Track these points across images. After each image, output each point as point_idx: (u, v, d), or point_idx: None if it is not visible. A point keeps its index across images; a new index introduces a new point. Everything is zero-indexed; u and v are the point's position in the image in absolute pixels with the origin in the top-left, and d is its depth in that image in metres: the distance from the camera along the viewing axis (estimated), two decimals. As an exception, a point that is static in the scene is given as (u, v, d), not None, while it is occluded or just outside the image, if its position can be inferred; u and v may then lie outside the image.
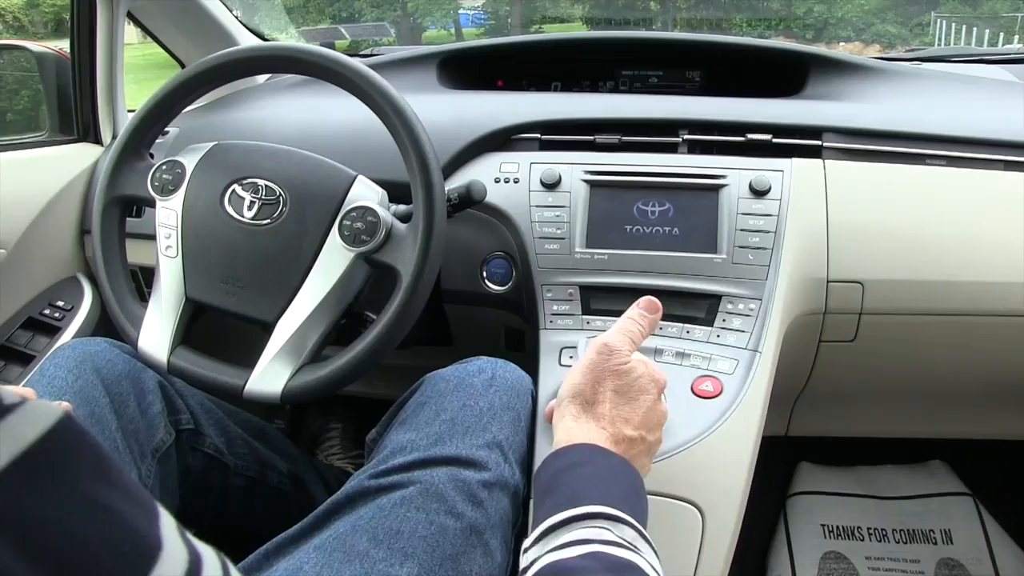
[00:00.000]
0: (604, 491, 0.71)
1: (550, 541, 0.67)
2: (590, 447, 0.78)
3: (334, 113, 1.35)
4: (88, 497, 0.40)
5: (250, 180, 1.03)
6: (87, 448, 0.41)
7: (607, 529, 0.68)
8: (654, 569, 0.67)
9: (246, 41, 1.71)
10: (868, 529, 1.81)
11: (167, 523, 0.43)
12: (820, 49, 1.46)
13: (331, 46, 2.09)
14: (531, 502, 0.82)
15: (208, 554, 0.35)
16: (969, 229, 1.18)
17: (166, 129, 1.41)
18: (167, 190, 1.06)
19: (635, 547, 0.68)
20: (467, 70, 1.55)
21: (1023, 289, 1.17)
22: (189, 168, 1.06)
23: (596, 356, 0.85)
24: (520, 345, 1.32)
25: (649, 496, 0.93)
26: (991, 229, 1.18)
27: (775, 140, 1.24)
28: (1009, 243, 1.17)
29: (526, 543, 0.70)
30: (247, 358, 1.00)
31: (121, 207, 1.11)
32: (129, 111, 1.58)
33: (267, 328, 1.00)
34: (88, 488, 0.40)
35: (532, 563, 0.67)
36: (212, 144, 1.09)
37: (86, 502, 0.39)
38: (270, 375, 0.98)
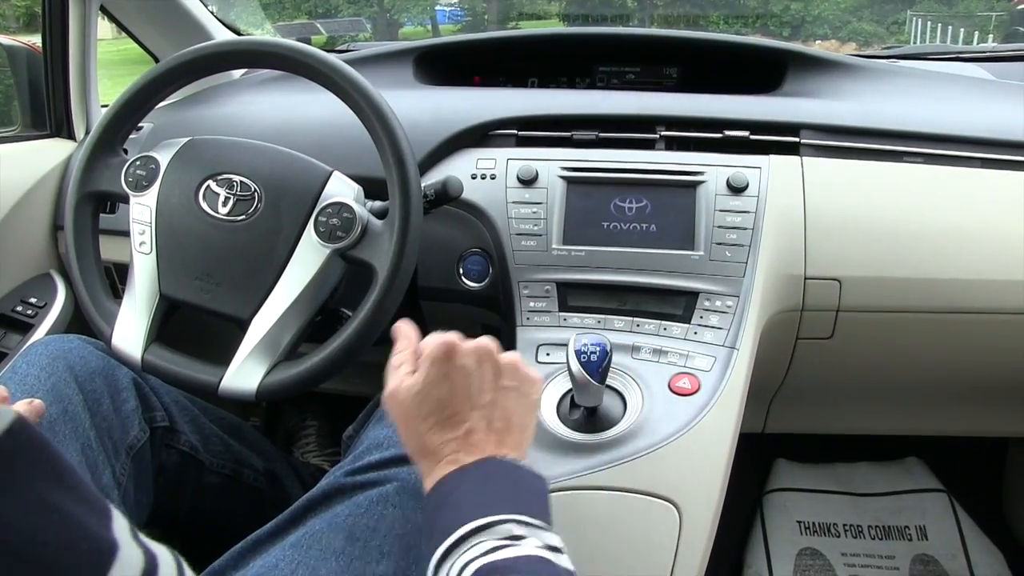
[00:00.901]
0: (467, 510, 0.67)
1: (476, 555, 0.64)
2: (439, 485, 0.71)
3: (310, 109, 1.34)
4: (44, 499, 0.39)
5: (225, 176, 1.02)
6: (41, 451, 0.41)
7: (481, 542, 0.64)
8: (545, 544, 0.65)
9: (221, 36, 1.68)
10: (844, 525, 1.82)
11: (120, 525, 0.43)
12: (797, 46, 1.46)
13: (307, 42, 2.06)
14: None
15: (163, 554, 0.35)
16: (946, 227, 1.18)
17: (140, 125, 1.39)
18: (141, 186, 1.04)
19: (517, 538, 0.65)
20: (443, 66, 1.54)
21: (1001, 286, 1.17)
22: (163, 164, 1.05)
23: (390, 408, 0.77)
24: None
25: (626, 493, 0.94)
26: (968, 227, 1.18)
27: (753, 137, 1.24)
28: (987, 241, 1.17)
29: None
30: (222, 355, 0.99)
31: (94, 203, 1.10)
32: (103, 107, 1.56)
33: (242, 325, 0.99)
34: (43, 490, 0.39)
35: None
36: (186, 140, 1.08)
37: (42, 504, 0.39)
38: (245, 372, 0.97)
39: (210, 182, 1.02)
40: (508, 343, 1.15)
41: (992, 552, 1.74)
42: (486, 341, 0.78)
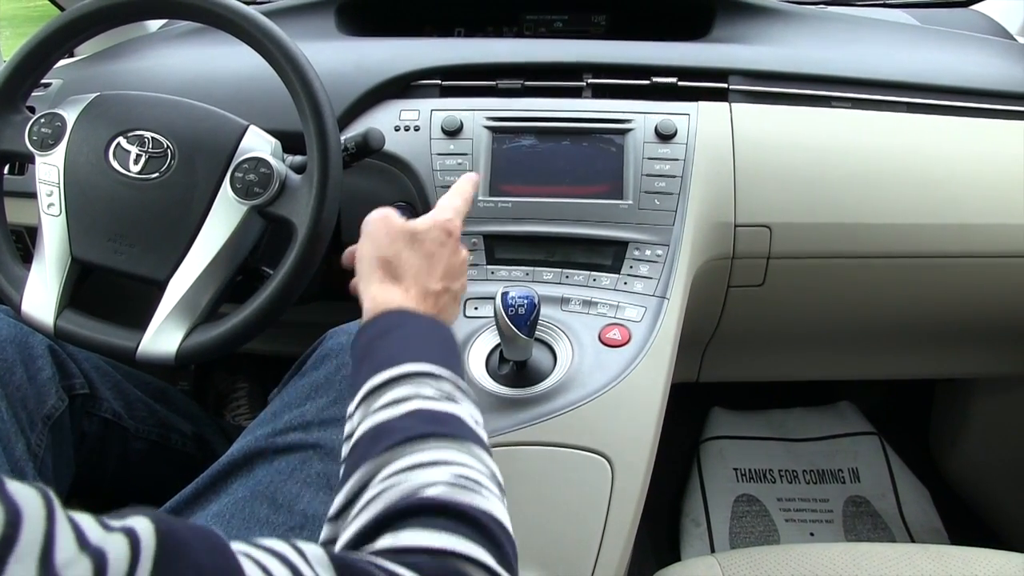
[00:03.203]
0: (418, 350, 0.69)
1: (371, 403, 0.65)
2: (399, 312, 0.75)
3: (226, 62, 1.29)
4: None
5: (135, 132, 0.98)
6: None
7: (426, 385, 0.66)
8: (472, 418, 0.67)
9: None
10: (779, 471, 1.84)
11: None
12: (727, -8, 1.44)
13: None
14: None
15: (31, 506, 0.31)
16: (874, 171, 1.18)
17: (47, 81, 1.32)
18: (47, 144, 0.99)
19: (454, 399, 0.67)
20: (367, 16, 1.49)
21: (927, 230, 1.18)
22: (70, 121, 1.00)
23: (381, 224, 0.82)
24: (425, 297, 1.29)
25: (557, 448, 0.93)
26: (894, 171, 1.18)
27: (680, 83, 1.22)
28: (912, 184, 1.18)
29: (349, 409, 0.67)
30: (140, 319, 0.96)
31: None
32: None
33: (159, 287, 0.96)
34: None
35: (356, 428, 0.64)
36: (94, 95, 1.03)
37: None
38: (163, 335, 0.95)
39: (120, 139, 0.98)
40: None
41: (919, 490, 1.78)
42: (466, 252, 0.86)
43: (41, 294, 0.99)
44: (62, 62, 1.11)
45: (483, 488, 0.59)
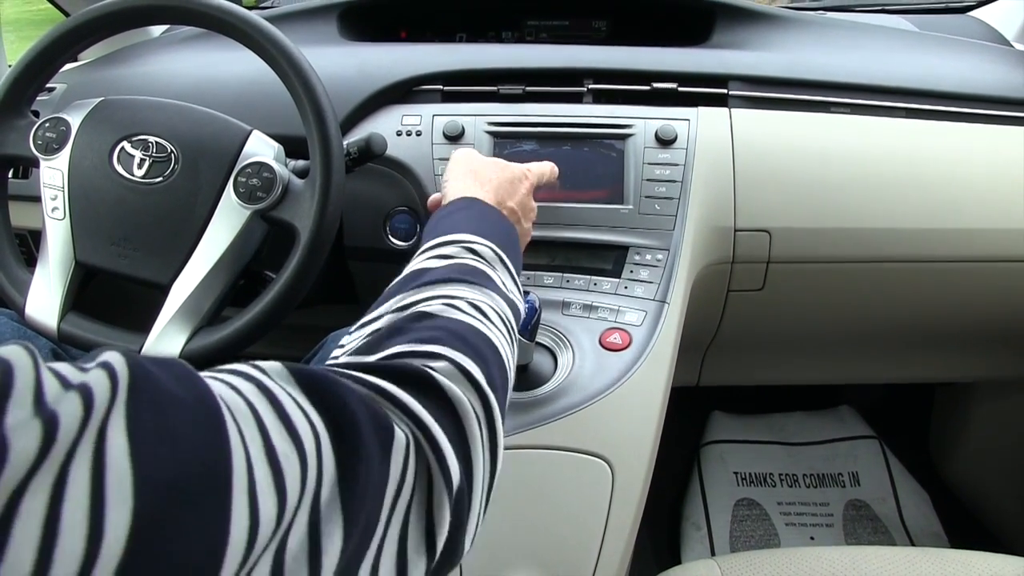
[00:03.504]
0: (476, 227, 0.77)
1: (421, 256, 0.74)
2: (473, 200, 0.85)
3: (229, 67, 1.29)
4: None
5: (140, 137, 0.98)
6: None
7: (471, 251, 0.73)
8: (503, 284, 0.73)
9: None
10: (779, 475, 1.84)
11: None
12: (729, -1, 1.45)
13: (235, -1, 2.00)
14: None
15: (18, 358, 0.32)
16: (872, 176, 1.18)
17: (52, 85, 1.33)
18: (51, 149, 1.00)
19: (491, 264, 0.74)
20: (369, 21, 1.50)
21: (927, 235, 1.18)
22: (74, 125, 1.00)
23: (471, 151, 0.98)
24: (427, 302, 1.29)
25: (557, 451, 0.93)
26: (893, 176, 1.18)
27: (681, 89, 1.22)
28: (911, 189, 1.18)
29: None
30: (143, 322, 0.96)
31: (1, 167, 1.05)
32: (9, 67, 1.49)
33: (162, 290, 0.96)
34: None
35: (400, 273, 0.73)
36: (98, 100, 1.03)
37: None
38: (166, 339, 0.95)
39: (124, 143, 0.98)
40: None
41: (919, 494, 1.78)
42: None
43: (45, 297, 0.99)
44: (66, 66, 1.11)
45: (487, 319, 0.64)
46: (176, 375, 0.39)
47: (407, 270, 0.71)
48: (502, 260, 0.75)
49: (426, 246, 0.75)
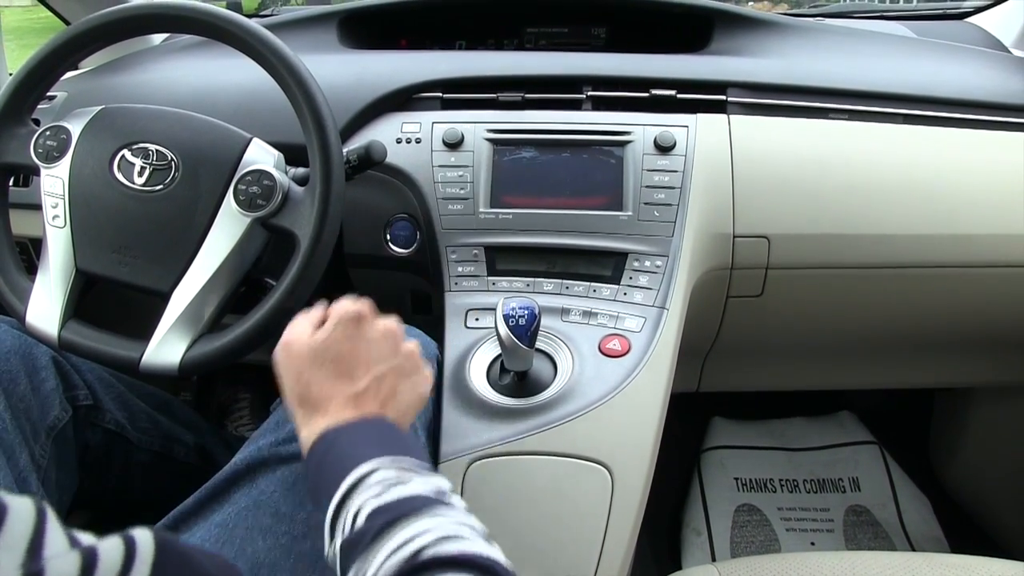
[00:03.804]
0: (355, 458, 0.67)
1: (332, 531, 0.65)
2: (323, 438, 0.72)
3: (229, 75, 1.29)
4: None
5: (140, 145, 0.98)
6: None
7: (369, 487, 0.64)
8: (428, 486, 0.65)
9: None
10: (780, 480, 1.84)
11: None
12: (725, 5, 1.45)
13: (236, 6, 2.00)
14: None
15: (19, 505, 0.31)
16: (871, 182, 1.18)
17: (52, 94, 1.33)
18: (52, 157, 1.00)
19: (402, 481, 0.65)
20: (369, 29, 1.50)
21: (925, 241, 1.18)
22: (75, 133, 1.00)
23: (284, 357, 0.79)
24: (427, 308, 1.29)
25: (557, 457, 0.93)
26: (892, 182, 1.18)
27: (679, 95, 1.22)
28: (910, 195, 1.18)
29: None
30: (144, 330, 0.96)
31: (2, 175, 1.05)
32: (10, 75, 1.49)
33: (163, 298, 0.96)
34: None
35: (330, 553, 0.65)
36: (99, 108, 1.03)
37: None
38: (167, 346, 0.95)
39: (125, 152, 0.98)
40: (437, 308, 1.14)
41: (920, 499, 1.78)
42: (395, 323, 0.82)
43: (45, 305, 0.99)
44: (67, 74, 1.11)
45: (462, 537, 0.59)
46: (220, 562, 0.37)
47: (336, 547, 0.63)
48: (400, 467, 0.67)
49: (329, 515, 0.66)
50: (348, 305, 0.79)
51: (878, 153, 1.20)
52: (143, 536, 0.36)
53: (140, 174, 0.97)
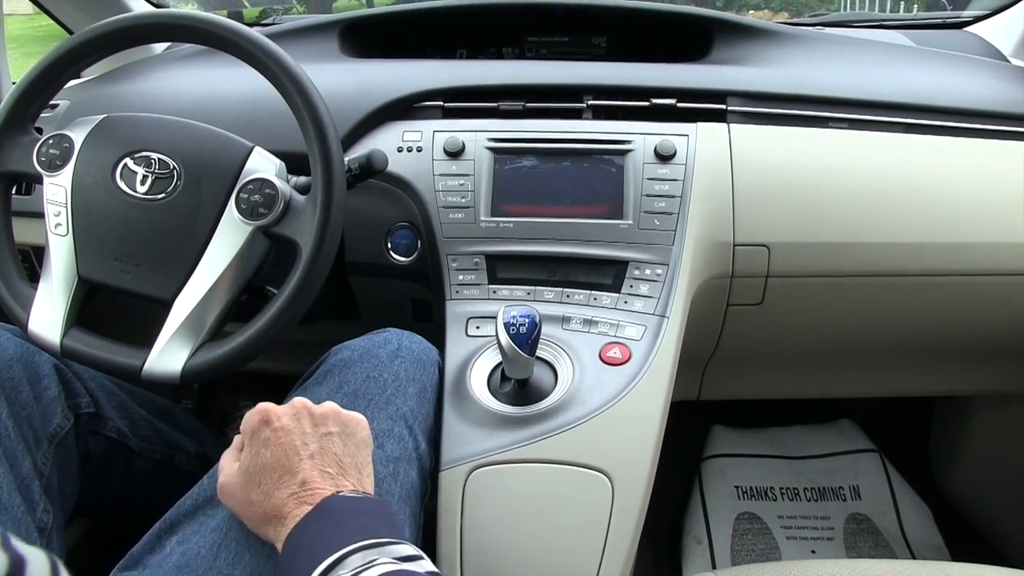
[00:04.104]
0: (313, 556, 0.67)
1: None
2: (285, 545, 0.72)
3: (231, 84, 1.30)
4: None
5: (142, 153, 0.99)
6: None
7: None
8: (397, 558, 0.66)
9: (139, 9, 1.62)
10: (780, 489, 1.84)
11: None
12: (725, 14, 1.45)
13: (237, 15, 2.00)
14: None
15: (35, 557, 0.32)
16: (870, 191, 1.19)
17: (55, 102, 1.34)
18: (54, 165, 1.00)
19: (369, 563, 0.65)
20: (370, 38, 1.51)
21: (925, 249, 1.18)
22: (77, 142, 1.01)
23: (223, 501, 0.81)
24: (428, 316, 1.30)
25: (558, 465, 0.93)
26: (892, 190, 1.19)
27: (680, 104, 1.23)
28: (909, 204, 1.18)
29: None
30: (146, 338, 0.96)
31: (4, 184, 1.05)
32: (14, 84, 1.49)
33: (165, 306, 0.96)
34: None
35: None
36: (102, 117, 1.03)
37: None
38: (169, 354, 0.95)
39: (127, 160, 0.99)
40: (438, 317, 1.14)
41: (920, 507, 1.78)
42: (298, 398, 0.82)
43: (48, 313, 0.99)
44: (69, 83, 1.12)
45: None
46: None
47: None
48: (368, 546, 0.67)
49: (322, 573, 0.65)
50: (251, 416, 0.80)
51: (878, 162, 1.21)
52: None
53: (142, 182, 0.98)
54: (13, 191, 1.08)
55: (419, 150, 1.20)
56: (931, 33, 1.60)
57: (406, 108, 1.25)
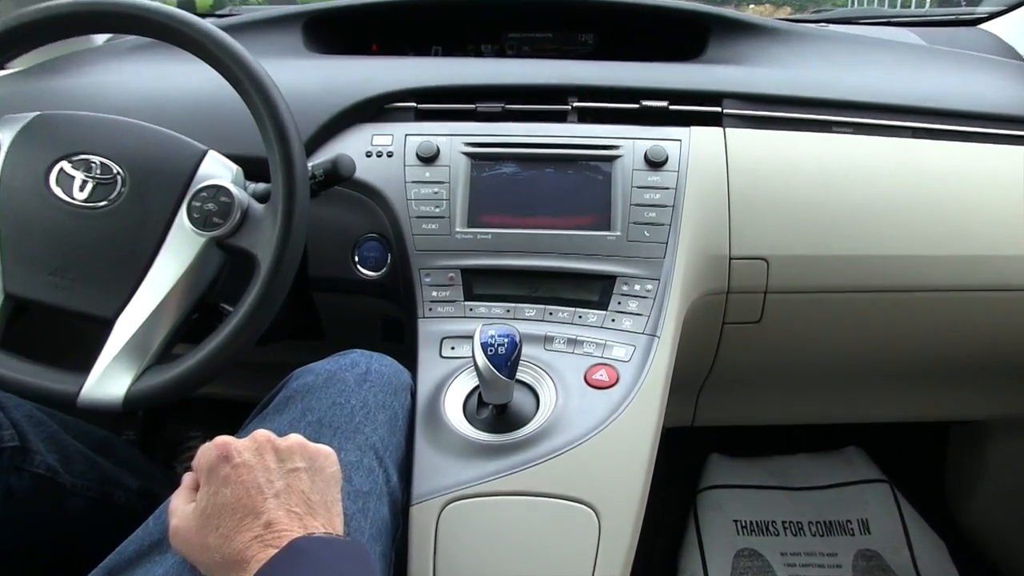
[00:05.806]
0: None
1: None
2: None
3: (183, 81, 1.29)
4: None
5: (81, 156, 0.98)
6: None
7: None
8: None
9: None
10: (783, 523, 1.84)
11: None
12: (721, 10, 1.47)
13: (190, 4, 1.99)
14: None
15: None
16: (877, 200, 1.19)
17: (-25, 99, 1.32)
18: None
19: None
20: (337, 32, 1.51)
21: (935, 263, 1.19)
22: (4, 143, 0.99)
23: (173, 539, 0.79)
24: (398, 336, 1.29)
25: (539, 498, 0.93)
26: (900, 200, 1.20)
27: (672, 107, 1.24)
28: (919, 214, 1.19)
29: None
30: (83, 361, 0.94)
31: None
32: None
33: (106, 325, 0.94)
34: None
35: None
36: (33, 115, 1.02)
37: None
38: (109, 379, 0.93)
39: (63, 163, 0.97)
40: (410, 336, 1.14)
41: (936, 543, 1.78)
42: (260, 431, 0.81)
43: None
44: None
45: None
46: None
47: None
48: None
49: None
50: (207, 451, 0.78)
51: (884, 169, 1.22)
52: None
53: (81, 188, 0.96)
54: None
55: (390, 155, 1.20)
56: (943, 31, 1.61)
57: (376, 109, 1.25)
